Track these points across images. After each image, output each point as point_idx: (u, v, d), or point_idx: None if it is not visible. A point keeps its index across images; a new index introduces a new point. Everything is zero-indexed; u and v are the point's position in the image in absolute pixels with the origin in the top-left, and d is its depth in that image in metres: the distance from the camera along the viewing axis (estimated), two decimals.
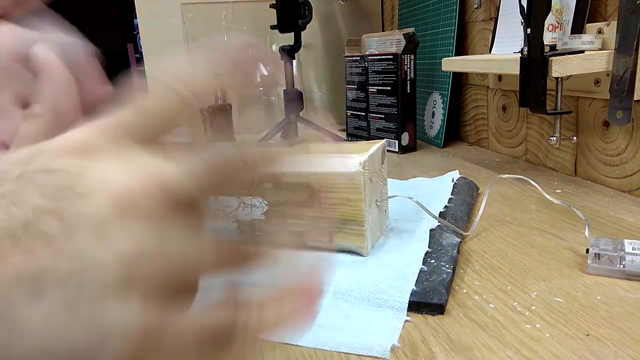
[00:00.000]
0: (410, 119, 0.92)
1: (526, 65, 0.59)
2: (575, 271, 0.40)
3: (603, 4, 0.61)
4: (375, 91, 0.95)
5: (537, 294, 0.37)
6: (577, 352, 0.30)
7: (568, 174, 0.70)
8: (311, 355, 0.31)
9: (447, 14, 0.96)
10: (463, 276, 0.40)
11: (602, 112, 0.62)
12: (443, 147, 0.96)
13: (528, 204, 0.57)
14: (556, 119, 0.64)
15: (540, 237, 0.47)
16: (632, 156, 0.59)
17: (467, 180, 0.64)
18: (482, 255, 0.44)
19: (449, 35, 0.95)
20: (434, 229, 0.47)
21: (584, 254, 0.41)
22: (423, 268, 0.39)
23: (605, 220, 0.51)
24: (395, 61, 0.89)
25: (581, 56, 0.57)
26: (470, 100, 0.97)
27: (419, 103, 1.00)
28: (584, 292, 0.37)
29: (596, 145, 0.64)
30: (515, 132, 0.83)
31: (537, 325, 0.33)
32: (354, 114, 1.04)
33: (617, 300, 0.35)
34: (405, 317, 0.34)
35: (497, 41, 0.81)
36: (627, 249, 0.39)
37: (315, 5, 1.10)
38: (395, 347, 0.31)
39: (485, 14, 0.89)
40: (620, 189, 0.61)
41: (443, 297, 0.35)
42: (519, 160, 0.81)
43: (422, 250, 0.43)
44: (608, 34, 0.59)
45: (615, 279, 0.38)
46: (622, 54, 0.56)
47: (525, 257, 0.43)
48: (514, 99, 0.83)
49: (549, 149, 0.74)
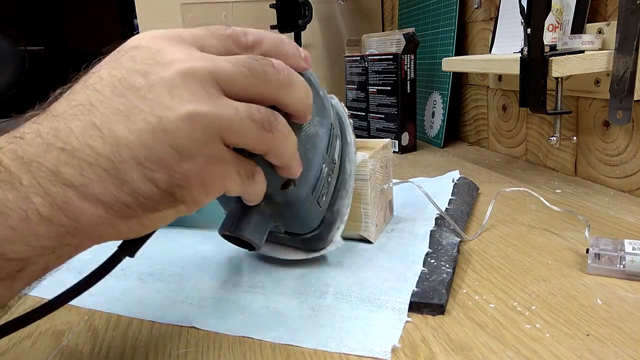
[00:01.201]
0: (410, 119, 0.92)
1: (526, 65, 0.59)
2: (575, 271, 0.40)
3: (603, 4, 0.61)
4: (375, 91, 0.95)
5: (537, 294, 0.37)
6: (577, 352, 0.30)
7: (568, 174, 0.70)
8: (311, 355, 0.31)
9: (447, 14, 0.96)
10: (463, 276, 0.40)
11: (602, 112, 0.62)
12: (443, 147, 0.96)
13: (528, 203, 0.57)
14: (556, 119, 0.64)
15: (540, 237, 0.48)
16: (632, 156, 0.59)
17: (467, 180, 0.64)
18: (482, 255, 0.44)
19: (449, 35, 0.95)
20: (434, 230, 0.47)
21: (584, 254, 0.41)
22: (424, 270, 0.40)
23: (605, 220, 0.51)
24: (395, 61, 0.89)
25: (581, 56, 0.57)
26: (470, 100, 0.98)
27: (419, 103, 1.01)
28: (584, 292, 0.37)
29: (596, 145, 0.64)
30: (515, 132, 0.83)
31: (537, 325, 0.33)
32: (354, 114, 1.04)
33: (617, 300, 0.35)
34: (406, 318, 0.34)
35: (497, 41, 0.81)
36: (627, 249, 0.39)
37: (315, 5, 1.10)
38: (396, 347, 0.31)
39: (485, 14, 0.89)
40: (620, 189, 0.61)
41: (443, 298, 0.35)
42: (519, 160, 0.81)
43: (422, 251, 0.43)
44: (608, 34, 0.59)
45: (615, 279, 0.38)
46: (622, 54, 0.56)
47: (526, 257, 0.43)
48: (514, 99, 0.83)
49: (549, 149, 0.74)
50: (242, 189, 0.29)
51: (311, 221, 0.39)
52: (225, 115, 0.26)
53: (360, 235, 0.46)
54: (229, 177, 0.27)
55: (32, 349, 0.34)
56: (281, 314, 0.36)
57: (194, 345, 0.33)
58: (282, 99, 0.29)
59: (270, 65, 0.28)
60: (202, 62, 0.26)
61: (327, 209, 0.39)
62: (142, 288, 0.41)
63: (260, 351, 0.32)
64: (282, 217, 0.37)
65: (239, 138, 0.27)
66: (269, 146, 0.29)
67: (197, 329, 0.35)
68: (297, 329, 0.34)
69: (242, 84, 0.27)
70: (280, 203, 0.35)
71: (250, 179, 0.29)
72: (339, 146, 0.39)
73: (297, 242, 0.41)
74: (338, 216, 0.40)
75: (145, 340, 0.34)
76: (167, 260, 0.45)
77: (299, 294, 0.38)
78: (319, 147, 0.35)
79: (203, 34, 0.28)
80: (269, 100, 0.29)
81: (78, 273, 0.44)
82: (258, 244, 0.36)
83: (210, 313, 0.37)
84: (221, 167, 0.27)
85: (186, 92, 0.25)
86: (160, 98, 0.24)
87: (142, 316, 0.37)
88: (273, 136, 0.28)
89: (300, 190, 0.35)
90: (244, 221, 0.35)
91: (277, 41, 0.31)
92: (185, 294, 0.39)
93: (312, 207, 0.37)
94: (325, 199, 0.38)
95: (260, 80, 0.28)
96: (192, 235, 0.51)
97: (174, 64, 0.25)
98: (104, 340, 0.34)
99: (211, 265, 0.43)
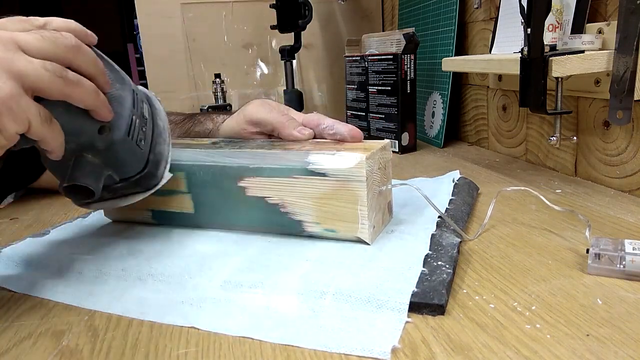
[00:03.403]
0: (410, 119, 0.92)
1: (526, 65, 0.59)
2: (575, 271, 0.40)
3: (603, 4, 0.61)
4: (375, 91, 0.95)
5: (537, 294, 0.37)
6: (577, 352, 0.30)
7: (568, 174, 0.70)
8: (311, 355, 0.31)
9: (447, 14, 0.96)
10: (463, 276, 0.40)
11: (602, 112, 0.62)
12: (443, 147, 0.96)
13: (528, 203, 0.57)
14: (556, 119, 0.64)
15: (540, 237, 0.48)
16: (632, 156, 0.59)
17: (467, 180, 0.64)
18: (482, 255, 0.44)
19: (449, 35, 0.95)
20: (434, 230, 0.47)
21: (584, 254, 0.41)
22: (424, 270, 0.40)
23: (605, 220, 0.51)
24: (395, 61, 0.89)
25: (581, 56, 0.57)
26: (470, 100, 0.98)
27: (419, 103, 1.01)
28: (584, 292, 0.37)
29: (596, 145, 0.64)
30: (515, 132, 0.83)
31: (537, 325, 0.33)
32: (354, 114, 1.04)
33: (617, 300, 0.35)
34: (406, 318, 0.34)
35: (497, 41, 0.81)
36: (627, 249, 0.39)
37: (315, 5, 1.10)
38: (396, 348, 0.31)
39: (485, 14, 0.89)
40: (621, 189, 0.61)
41: (443, 298, 0.35)
42: (519, 160, 0.81)
43: (423, 252, 0.43)
44: (608, 34, 0.59)
45: (615, 279, 0.38)
46: (622, 54, 0.56)
47: (526, 257, 0.43)
48: (514, 99, 0.83)
49: (549, 149, 0.74)
50: (42, 130, 0.35)
51: (137, 161, 0.46)
52: (20, 60, 0.34)
53: (357, 237, 0.46)
54: (31, 112, 0.34)
55: (32, 349, 0.34)
56: (281, 315, 0.36)
57: (194, 345, 0.33)
58: (74, 61, 0.37)
59: (59, 34, 0.37)
60: (4, 32, 0.35)
61: (150, 152, 0.47)
62: (142, 288, 0.41)
63: (261, 351, 0.32)
64: (111, 163, 0.43)
65: (35, 83, 0.34)
66: (63, 91, 0.36)
67: (197, 329, 0.35)
68: (297, 329, 0.34)
69: (37, 46, 0.35)
70: (103, 149, 0.42)
71: (49, 123, 0.36)
72: (148, 110, 0.47)
73: (133, 185, 0.47)
74: (162, 157, 0.48)
75: (145, 340, 0.34)
76: (167, 261, 0.45)
77: (299, 294, 0.38)
78: (125, 104, 0.43)
79: (3, 21, 0.37)
80: (61, 60, 0.36)
81: (78, 273, 0.44)
82: (96, 188, 0.42)
83: (211, 313, 0.37)
84: (23, 101, 0.33)
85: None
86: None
87: (142, 316, 0.37)
88: (64, 82, 0.36)
89: (116, 133, 0.42)
90: (76, 170, 0.41)
91: (65, 21, 0.40)
92: (186, 295, 0.39)
93: (133, 149, 0.44)
94: (144, 143, 0.46)
95: (52, 43, 0.36)
96: (192, 235, 0.51)
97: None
98: (104, 340, 0.34)
99: (211, 265, 0.43)
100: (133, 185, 0.47)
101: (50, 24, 0.39)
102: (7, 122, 0.33)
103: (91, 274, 0.44)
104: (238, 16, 1.25)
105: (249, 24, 1.26)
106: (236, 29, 1.26)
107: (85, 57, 0.38)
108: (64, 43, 0.37)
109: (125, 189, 0.47)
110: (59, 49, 0.36)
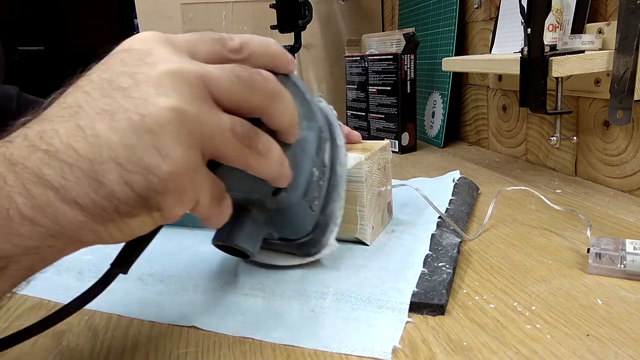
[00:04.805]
0: (410, 119, 0.92)
1: (526, 65, 0.59)
2: (575, 271, 0.40)
3: (603, 4, 0.61)
4: (375, 91, 0.95)
5: (537, 294, 0.37)
6: (578, 352, 0.30)
7: (568, 174, 0.70)
8: (312, 356, 0.31)
9: (447, 14, 0.96)
10: (463, 276, 0.40)
11: (602, 112, 0.62)
12: (443, 147, 0.96)
13: (528, 203, 0.57)
14: (556, 119, 0.64)
15: (540, 237, 0.47)
16: (632, 156, 0.59)
17: (467, 180, 0.64)
18: (483, 255, 0.44)
19: (449, 35, 0.95)
20: (435, 230, 0.47)
21: (585, 253, 0.41)
22: (424, 270, 0.40)
23: (605, 220, 0.51)
24: (395, 61, 0.89)
25: (581, 56, 0.57)
26: (470, 100, 0.98)
27: (419, 103, 1.00)
28: (585, 292, 0.37)
29: (596, 145, 0.64)
30: (515, 132, 0.83)
31: (537, 325, 0.33)
32: (354, 114, 1.04)
33: (618, 300, 0.35)
34: (407, 318, 0.34)
35: (497, 41, 0.81)
36: (628, 249, 0.39)
37: (315, 5, 1.10)
38: (396, 348, 0.31)
39: (485, 14, 0.89)
40: (621, 189, 0.61)
41: (443, 298, 0.35)
42: (519, 160, 0.81)
43: (423, 252, 0.43)
44: (608, 34, 0.59)
45: (615, 279, 0.38)
46: (622, 54, 0.56)
47: (526, 257, 0.43)
48: (514, 99, 0.83)
49: (549, 149, 0.74)
50: (209, 210, 0.28)
51: (305, 226, 0.38)
52: (209, 121, 0.25)
53: (356, 237, 0.46)
54: (203, 190, 0.27)
55: (32, 349, 0.34)
56: (281, 315, 0.36)
57: (194, 345, 0.33)
58: (268, 110, 0.29)
59: (258, 74, 0.28)
60: (191, 65, 0.26)
61: (320, 212, 0.39)
62: (142, 289, 0.41)
63: (261, 351, 0.32)
64: (276, 223, 0.37)
65: (217, 149, 0.26)
66: (246, 162, 0.28)
67: (197, 329, 0.35)
68: (298, 329, 0.34)
69: (230, 91, 0.26)
70: (273, 209, 0.35)
71: (219, 202, 0.29)
72: (329, 149, 0.38)
73: (292, 247, 0.41)
74: (331, 219, 0.40)
75: (145, 341, 0.34)
76: (167, 261, 0.45)
77: (299, 294, 0.38)
78: (308, 151, 0.35)
79: (194, 39, 0.28)
80: (254, 110, 0.28)
81: (78, 274, 0.44)
82: (252, 252, 0.35)
83: (211, 313, 0.37)
84: (198, 177, 0.26)
85: (173, 90, 0.24)
86: (146, 95, 0.24)
87: (142, 317, 0.37)
88: (251, 152, 0.28)
89: (292, 196, 0.34)
90: (237, 230, 0.35)
91: (264, 43, 0.31)
92: (186, 295, 0.39)
93: (304, 212, 0.37)
94: (317, 202, 0.38)
95: (248, 88, 0.27)
96: (192, 235, 0.51)
97: (163, 64, 0.25)
98: (104, 340, 0.34)
99: (212, 266, 0.43)
100: (291, 246, 0.41)
101: (246, 47, 0.30)
102: (172, 202, 0.25)
103: (91, 274, 0.44)
104: (238, 16, 1.25)
105: (249, 24, 1.26)
106: (236, 29, 1.26)
107: (282, 107, 0.29)
108: (264, 89, 0.28)
109: (281, 246, 0.41)
110: (255, 97, 0.28)
